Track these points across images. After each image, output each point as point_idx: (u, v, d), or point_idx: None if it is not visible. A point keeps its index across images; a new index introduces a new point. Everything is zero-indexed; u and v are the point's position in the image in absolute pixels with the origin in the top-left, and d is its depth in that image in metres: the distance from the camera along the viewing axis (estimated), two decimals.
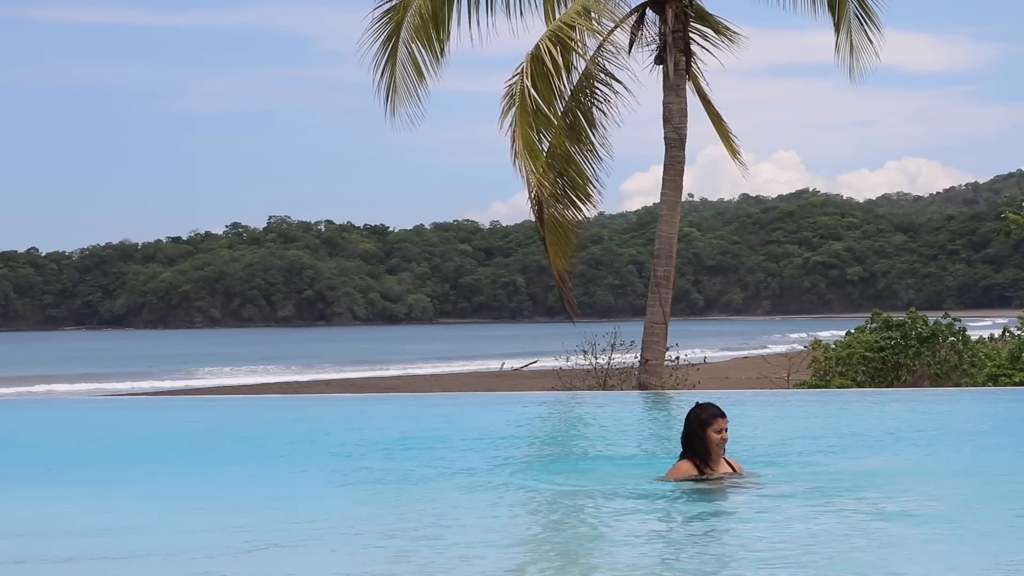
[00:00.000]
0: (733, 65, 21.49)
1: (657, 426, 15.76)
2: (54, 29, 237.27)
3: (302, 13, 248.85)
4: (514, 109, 19.82)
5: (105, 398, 33.48)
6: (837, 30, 21.25)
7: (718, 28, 21.22)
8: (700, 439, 9.43)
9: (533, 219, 20.99)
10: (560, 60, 20.07)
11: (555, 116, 20.59)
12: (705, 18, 21.24)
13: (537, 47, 20.12)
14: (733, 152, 22.07)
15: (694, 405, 9.65)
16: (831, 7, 21.25)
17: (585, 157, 21.08)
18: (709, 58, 21.21)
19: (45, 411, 19.45)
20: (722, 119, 21.67)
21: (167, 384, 53.77)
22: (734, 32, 21.21)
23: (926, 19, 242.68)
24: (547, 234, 20.80)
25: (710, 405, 9.61)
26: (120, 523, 8.81)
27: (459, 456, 12.16)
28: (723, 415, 9.48)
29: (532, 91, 19.84)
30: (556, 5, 21.02)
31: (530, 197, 20.21)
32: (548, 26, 20.69)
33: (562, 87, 20.41)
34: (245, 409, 19.27)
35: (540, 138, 20.23)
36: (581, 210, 21.29)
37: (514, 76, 20.16)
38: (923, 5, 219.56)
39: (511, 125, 19.75)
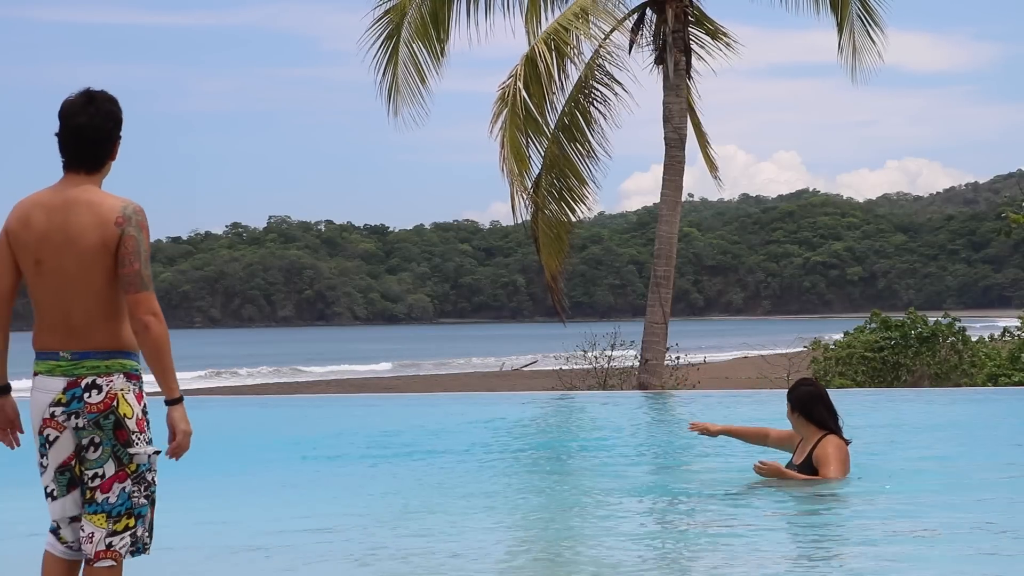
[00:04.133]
0: (734, 65, 21.54)
1: (657, 426, 15.77)
2: (55, 29, 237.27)
3: (302, 13, 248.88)
4: (505, 112, 19.83)
5: None
6: (840, 30, 21.23)
7: (714, 33, 21.21)
8: None
9: (528, 219, 20.94)
10: (554, 63, 20.07)
11: (549, 119, 20.60)
12: (702, 22, 21.22)
13: (532, 50, 20.11)
14: (711, 166, 22.14)
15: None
16: (833, 7, 21.23)
17: (581, 158, 21.08)
18: (703, 65, 21.27)
19: None
20: (704, 132, 21.71)
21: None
22: (730, 39, 21.23)
23: (927, 19, 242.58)
24: (540, 235, 20.80)
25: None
26: None
27: (458, 456, 12.17)
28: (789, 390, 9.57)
29: (524, 94, 19.85)
30: (544, 7, 20.97)
31: (523, 199, 20.21)
32: (532, 28, 20.67)
33: (556, 90, 20.42)
34: (245, 409, 19.27)
35: (528, 142, 20.24)
36: (575, 211, 21.32)
37: (508, 79, 20.17)
38: (923, 5, 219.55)
39: (502, 128, 19.76)
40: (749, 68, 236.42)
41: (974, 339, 25.01)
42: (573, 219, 21.40)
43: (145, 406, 4.99)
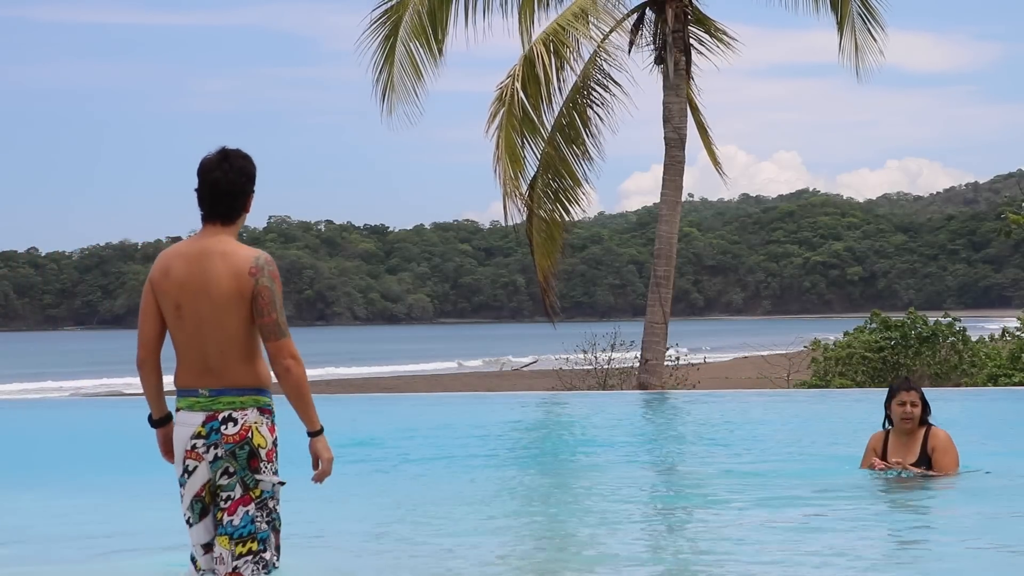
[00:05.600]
0: (734, 65, 21.53)
1: (657, 425, 15.77)
2: (54, 29, 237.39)
3: (302, 13, 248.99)
4: (502, 112, 19.82)
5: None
6: (841, 30, 21.21)
7: (713, 32, 21.20)
8: (887, 411, 9.57)
9: (523, 220, 20.89)
10: (553, 63, 20.07)
11: (546, 119, 20.59)
12: (701, 21, 21.22)
13: (530, 50, 20.11)
14: (715, 162, 22.18)
15: None
16: (833, 6, 21.22)
17: (578, 158, 21.08)
18: (703, 62, 21.27)
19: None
20: (707, 129, 21.71)
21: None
22: (730, 37, 21.22)
23: (927, 19, 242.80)
24: (534, 234, 20.82)
25: (902, 378, 9.78)
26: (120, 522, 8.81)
27: (457, 456, 12.16)
28: (907, 388, 9.50)
29: (521, 95, 19.86)
30: (539, 8, 20.95)
31: (518, 199, 20.18)
32: (526, 28, 20.65)
33: (554, 90, 20.41)
34: None
35: (524, 143, 20.23)
36: (570, 212, 21.32)
37: (507, 79, 20.16)
38: (924, 5, 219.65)
39: (498, 128, 19.76)
40: (749, 68, 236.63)
41: (974, 339, 24.98)
42: (567, 219, 21.41)
43: (276, 438, 5.46)
